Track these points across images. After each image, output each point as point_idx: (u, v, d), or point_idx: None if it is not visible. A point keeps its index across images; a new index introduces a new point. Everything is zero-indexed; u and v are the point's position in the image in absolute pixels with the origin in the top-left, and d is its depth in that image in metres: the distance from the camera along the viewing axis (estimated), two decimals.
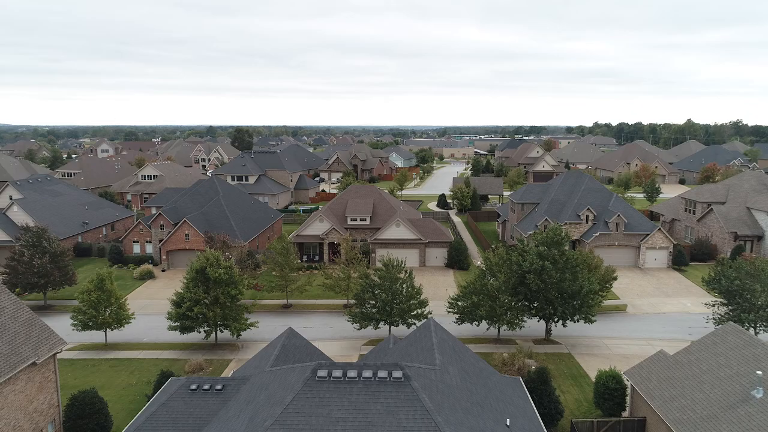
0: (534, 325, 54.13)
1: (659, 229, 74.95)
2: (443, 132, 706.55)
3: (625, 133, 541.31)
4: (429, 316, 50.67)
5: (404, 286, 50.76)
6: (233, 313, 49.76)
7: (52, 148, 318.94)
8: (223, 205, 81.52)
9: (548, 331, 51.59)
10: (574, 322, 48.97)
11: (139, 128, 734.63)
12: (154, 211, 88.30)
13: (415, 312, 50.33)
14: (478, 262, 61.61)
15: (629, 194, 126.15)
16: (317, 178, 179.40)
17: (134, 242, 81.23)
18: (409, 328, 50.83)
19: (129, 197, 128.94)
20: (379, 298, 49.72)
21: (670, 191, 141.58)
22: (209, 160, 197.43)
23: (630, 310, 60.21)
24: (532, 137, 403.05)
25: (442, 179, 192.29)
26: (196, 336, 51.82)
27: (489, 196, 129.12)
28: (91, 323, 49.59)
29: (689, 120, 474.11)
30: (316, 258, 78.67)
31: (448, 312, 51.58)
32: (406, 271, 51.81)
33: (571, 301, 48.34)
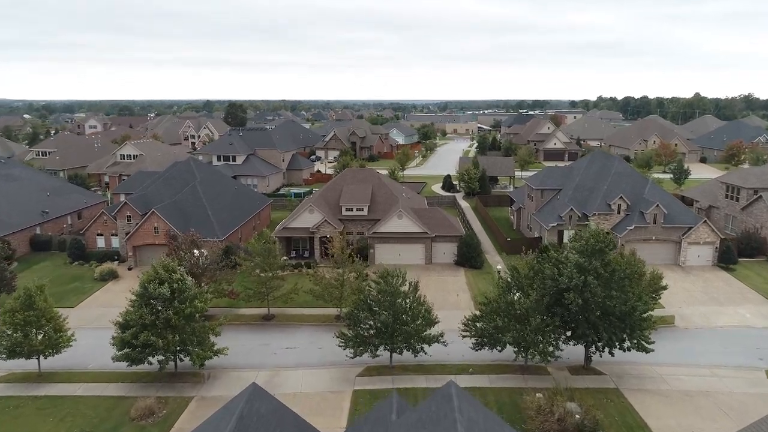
0: (569, 347, 44.14)
1: (705, 221, 64.53)
2: (444, 106, 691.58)
3: (632, 108, 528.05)
4: (442, 340, 40.76)
5: (408, 301, 40.66)
6: (195, 337, 39.71)
7: (35, 124, 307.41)
8: (199, 192, 71.05)
9: (588, 358, 41.57)
10: (624, 351, 38.86)
11: (136, 103, 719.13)
12: (123, 198, 77.97)
13: (424, 334, 40.34)
14: (499, 267, 51.24)
15: (653, 176, 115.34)
16: (313, 157, 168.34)
17: (98, 235, 71.00)
18: (416, 355, 40.91)
19: (107, 179, 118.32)
20: (377, 318, 39.62)
21: (695, 172, 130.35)
22: (199, 136, 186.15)
23: (679, 323, 50.20)
24: (537, 112, 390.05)
25: (446, 157, 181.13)
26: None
27: (498, 178, 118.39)
28: (18, 349, 39.63)
29: (697, 94, 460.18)
30: (306, 254, 68.50)
31: (463, 336, 41.46)
32: (409, 283, 41.63)
33: (620, 323, 38.23)
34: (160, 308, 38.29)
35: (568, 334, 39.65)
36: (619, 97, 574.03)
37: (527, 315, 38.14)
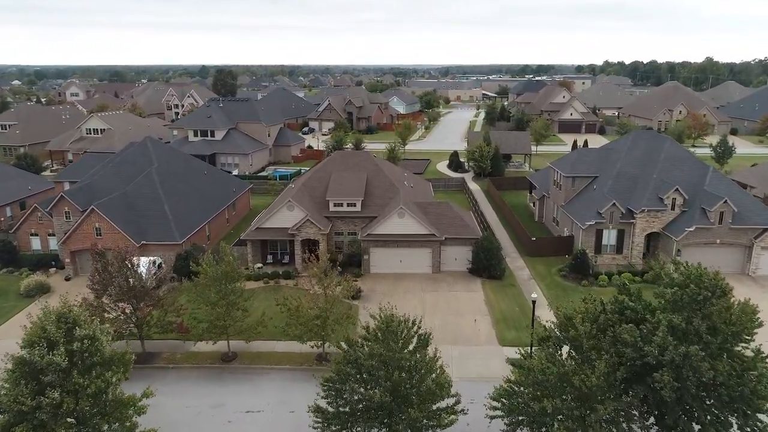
0: None
1: None
2: (446, 72, 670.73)
3: (641, 73, 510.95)
4: (460, 410, 28.26)
5: (415, 362, 27.97)
6: (106, 416, 27.17)
7: (18, 91, 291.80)
8: (155, 182, 57.98)
9: None
10: None
11: (131, 68, 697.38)
12: (68, 187, 65.04)
13: (435, 407, 27.79)
14: (534, 296, 38.50)
15: None
16: (306, 129, 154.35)
17: (32, 235, 58.26)
18: None
19: (70, 156, 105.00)
20: (369, 394, 27.03)
21: None
22: (182, 106, 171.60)
23: None
24: (545, 77, 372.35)
25: (451, 128, 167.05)
26: None
27: (512, 156, 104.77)
28: None
29: (709, 58, 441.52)
30: (286, 258, 55.81)
31: (491, 417, 28.76)
32: (420, 336, 28.93)
33: (728, 399, 25.67)
34: (49, 385, 25.59)
35: (651, 421, 27.10)
36: (627, 62, 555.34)
37: (593, 395, 25.56)
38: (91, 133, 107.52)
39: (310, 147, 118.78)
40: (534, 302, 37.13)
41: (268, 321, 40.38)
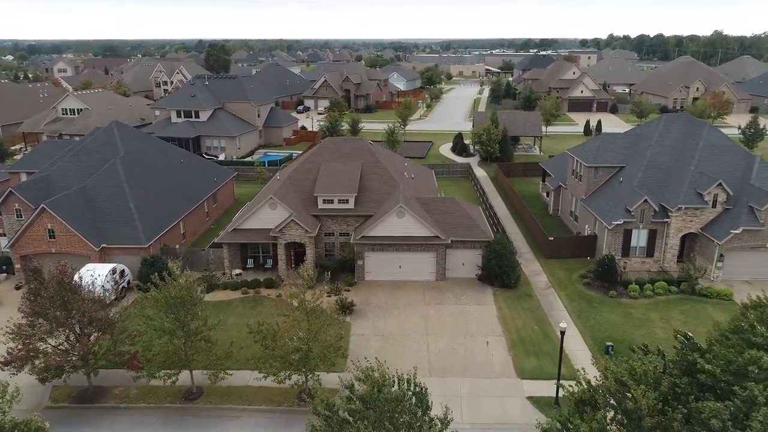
0: None
1: None
2: (447, 46, 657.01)
3: (647, 47, 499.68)
4: None
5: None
6: None
7: (9, 66, 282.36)
8: (120, 175, 50.74)
9: None
10: None
11: (128, 43, 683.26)
12: (25, 179, 57.79)
13: None
14: (563, 325, 31.49)
15: None
16: (300, 108, 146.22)
17: None
18: None
19: (45, 139, 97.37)
20: None
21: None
22: (171, 83, 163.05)
23: None
24: (550, 52, 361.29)
25: (454, 106, 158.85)
26: None
27: (520, 138, 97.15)
28: None
29: (717, 32, 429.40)
30: (268, 264, 48.85)
31: None
32: (418, 394, 22.12)
33: None
34: None
35: None
36: (633, 36, 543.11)
37: None
38: (67, 114, 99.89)
39: (303, 128, 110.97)
40: (563, 333, 30.22)
41: (237, 352, 33.65)
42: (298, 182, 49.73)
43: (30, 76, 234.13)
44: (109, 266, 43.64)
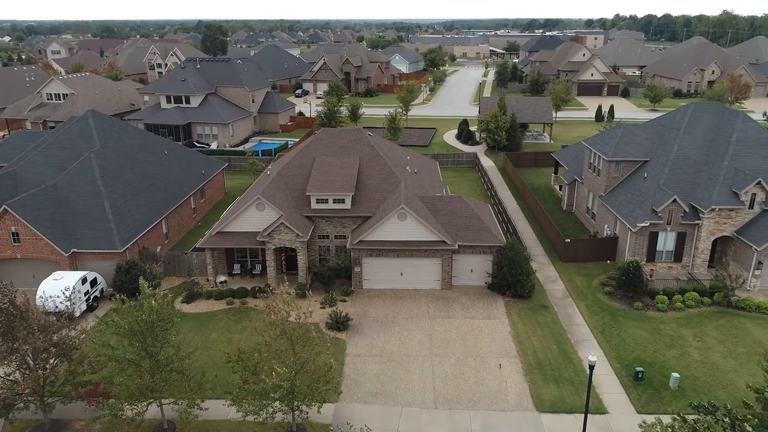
0: None
1: None
2: (450, 26, 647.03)
3: (654, 27, 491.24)
4: None
5: None
6: None
7: (5, 47, 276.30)
8: (94, 171, 46.15)
9: None
10: None
11: (127, 23, 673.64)
12: None
13: None
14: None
15: None
16: (299, 91, 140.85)
17: None
18: None
19: (29, 126, 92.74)
20: None
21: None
22: (165, 65, 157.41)
23: None
24: (556, 32, 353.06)
25: (458, 90, 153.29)
26: None
27: (528, 125, 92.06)
28: None
29: (726, 11, 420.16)
30: (257, 269, 44.42)
31: None
32: None
33: None
34: None
35: None
36: (640, 15, 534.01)
37: None
38: (52, 99, 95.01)
39: (301, 114, 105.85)
40: (592, 367, 25.81)
41: (214, 379, 29.35)
42: (289, 179, 45.09)
43: (23, 57, 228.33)
44: (79, 274, 39.26)
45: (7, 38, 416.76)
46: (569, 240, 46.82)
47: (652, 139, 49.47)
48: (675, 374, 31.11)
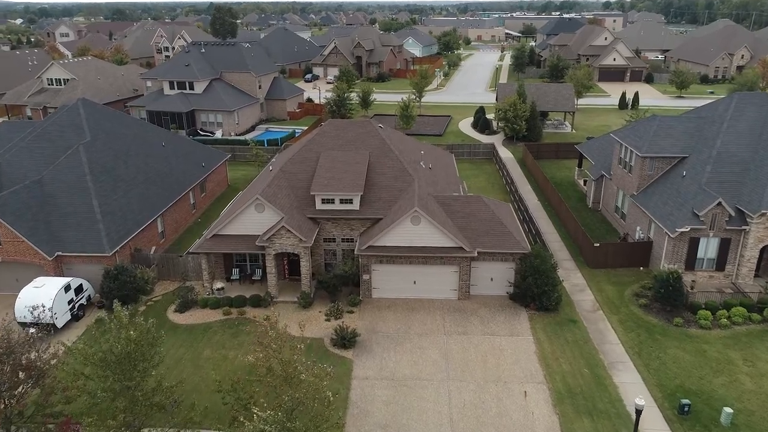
0: None
1: None
2: (465, 8, 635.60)
3: (675, 9, 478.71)
4: None
5: None
6: None
7: (15, 30, 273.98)
8: (83, 165, 42.67)
9: None
10: None
11: (138, 6, 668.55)
12: None
13: None
14: (640, 402, 23.22)
15: None
16: (308, 76, 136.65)
17: None
18: None
19: (29, 112, 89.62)
20: None
21: None
22: (173, 48, 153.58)
23: None
24: (574, 15, 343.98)
25: (474, 74, 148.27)
26: None
27: (548, 113, 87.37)
28: None
29: None
30: (257, 274, 40.86)
31: None
32: None
33: None
34: None
35: None
36: None
37: None
38: (53, 84, 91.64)
39: (309, 100, 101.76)
40: (639, 412, 21.88)
41: (202, 412, 25.86)
42: (292, 176, 41.32)
43: (32, 40, 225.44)
44: (63, 281, 35.98)
45: (19, 20, 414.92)
46: (598, 244, 42.74)
47: (690, 134, 44.99)
48: (727, 409, 27.21)
